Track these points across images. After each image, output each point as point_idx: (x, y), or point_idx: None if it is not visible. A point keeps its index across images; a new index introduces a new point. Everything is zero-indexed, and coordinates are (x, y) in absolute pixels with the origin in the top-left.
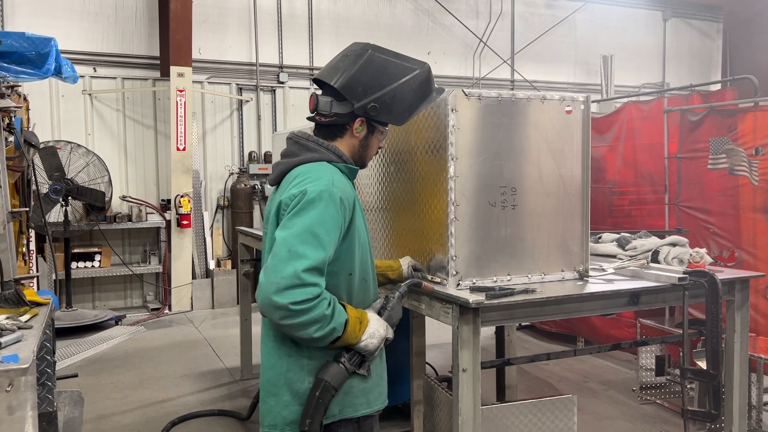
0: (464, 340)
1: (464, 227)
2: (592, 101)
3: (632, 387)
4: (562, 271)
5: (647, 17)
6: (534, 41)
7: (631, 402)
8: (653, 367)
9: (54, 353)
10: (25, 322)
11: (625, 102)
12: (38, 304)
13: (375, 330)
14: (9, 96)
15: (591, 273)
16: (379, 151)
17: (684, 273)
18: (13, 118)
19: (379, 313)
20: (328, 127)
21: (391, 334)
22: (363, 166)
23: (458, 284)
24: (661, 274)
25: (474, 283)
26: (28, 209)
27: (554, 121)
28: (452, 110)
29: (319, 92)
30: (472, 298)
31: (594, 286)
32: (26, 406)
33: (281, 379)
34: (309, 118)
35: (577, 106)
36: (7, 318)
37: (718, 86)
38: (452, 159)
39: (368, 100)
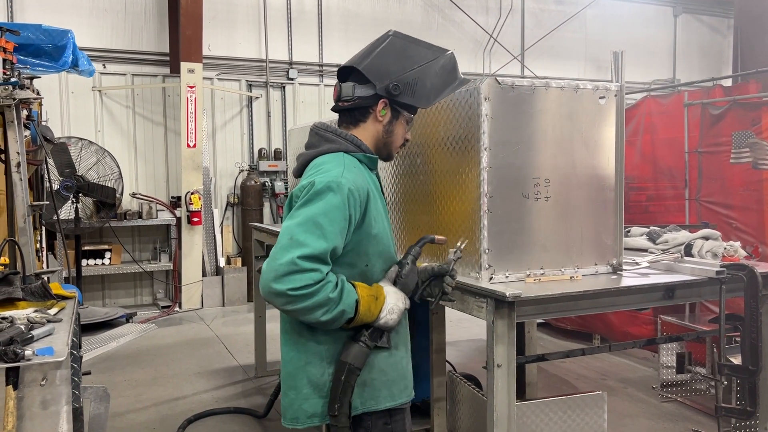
0: (499, 335)
1: (496, 220)
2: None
3: (651, 385)
4: (596, 264)
5: (658, 13)
6: (544, 37)
7: (652, 400)
8: (674, 364)
9: (80, 347)
10: (54, 315)
11: (644, 96)
12: (64, 298)
13: (393, 305)
14: (28, 88)
15: (624, 267)
16: (407, 143)
17: (721, 266)
18: (31, 111)
19: (395, 283)
20: (351, 112)
21: (408, 304)
22: (389, 157)
23: (491, 278)
24: (697, 267)
25: (507, 277)
26: (46, 203)
27: (588, 111)
28: (485, 99)
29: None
30: (509, 291)
31: (629, 280)
32: (61, 401)
33: (301, 372)
34: (333, 109)
35: (610, 96)
36: (36, 311)
37: (737, 79)
38: (485, 149)
39: (390, 81)
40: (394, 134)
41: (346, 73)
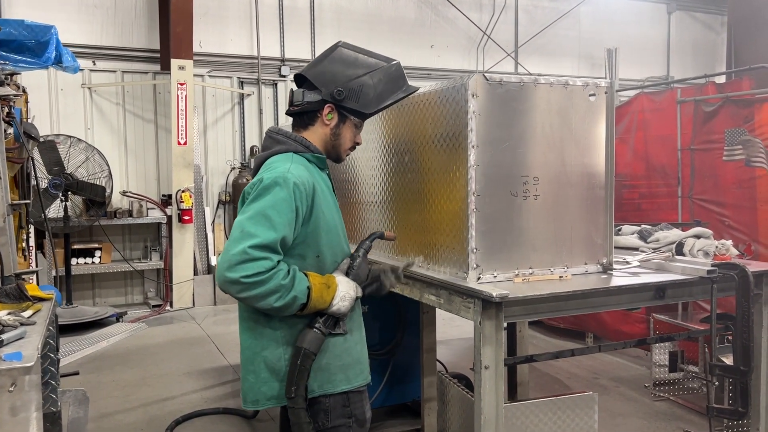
0: (487, 336)
1: (484, 218)
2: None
3: (644, 383)
4: (586, 264)
5: (651, 10)
6: (538, 34)
7: (644, 399)
8: (667, 363)
9: (58, 350)
10: (28, 318)
11: (636, 93)
12: (41, 299)
13: (345, 292)
14: (8, 84)
15: (615, 266)
16: (357, 146)
17: (713, 266)
18: (12, 108)
19: (347, 273)
20: (301, 116)
21: (360, 293)
22: (338, 159)
23: (479, 278)
24: (688, 266)
25: (495, 277)
26: (28, 201)
27: (578, 108)
28: (472, 95)
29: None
30: (497, 291)
31: (619, 280)
32: (30, 407)
33: (258, 358)
34: (286, 113)
35: (600, 92)
36: (9, 314)
37: (731, 76)
38: (472, 147)
39: (336, 87)
40: (342, 137)
41: (301, 80)
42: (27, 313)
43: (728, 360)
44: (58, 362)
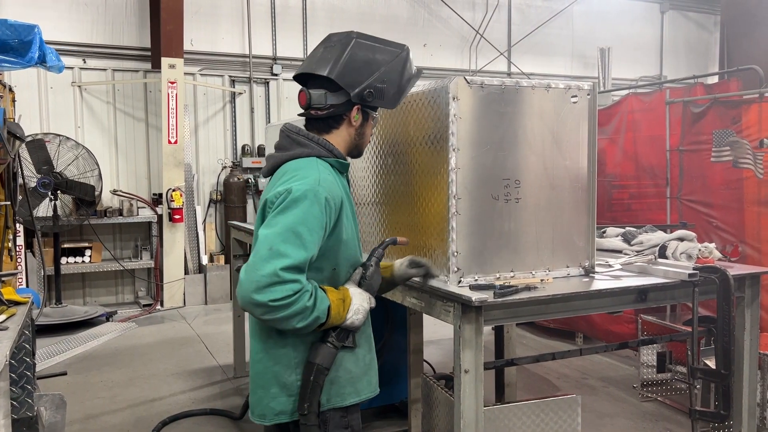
0: (466, 340)
1: (466, 221)
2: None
3: (632, 384)
4: (567, 267)
5: (645, 9)
6: (531, 33)
7: (632, 399)
8: (655, 363)
9: (34, 355)
10: (1, 323)
11: (626, 94)
12: (16, 303)
13: (359, 306)
14: None
15: (597, 269)
16: (372, 138)
17: (694, 269)
18: None
19: (360, 284)
20: (324, 120)
21: (373, 303)
22: (359, 155)
23: (459, 281)
24: (670, 270)
25: (476, 280)
26: (10, 202)
27: (560, 111)
28: (453, 99)
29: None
30: (475, 296)
31: (601, 283)
32: None
33: (269, 373)
34: (301, 115)
35: (583, 95)
36: None
37: (724, 76)
38: (453, 150)
39: (364, 87)
40: (365, 135)
41: (305, 78)
42: (0, 318)
43: (712, 362)
44: (35, 366)
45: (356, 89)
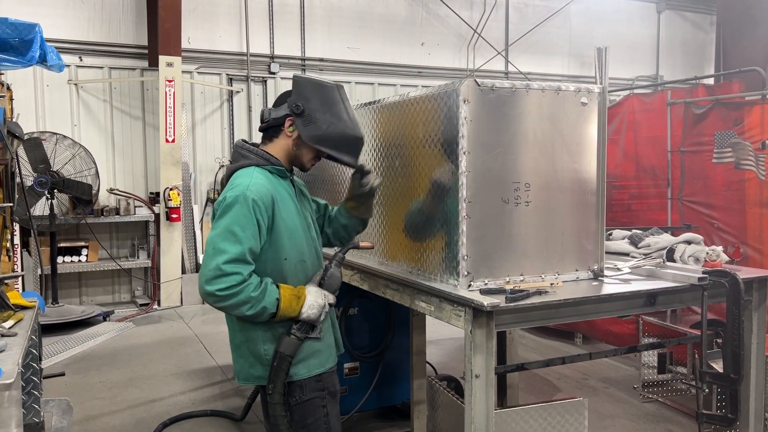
0: (477, 345)
1: (476, 225)
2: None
3: (633, 384)
4: (577, 270)
5: (641, 9)
6: (528, 32)
7: (633, 400)
8: (655, 364)
9: (41, 359)
10: (9, 328)
11: (627, 94)
12: (23, 308)
13: (313, 301)
14: None
15: (606, 272)
16: (316, 161)
17: (703, 272)
18: None
19: (320, 284)
20: (267, 131)
21: (332, 300)
22: (303, 168)
23: (469, 285)
24: (679, 273)
25: (486, 284)
26: (12, 204)
27: (569, 113)
28: (464, 101)
29: None
30: (487, 300)
31: (611, 287)
32: (10, 424)
33: (243, 346)
34: (259, 129)
35: (593, 98)
36: None
37: (720, 78)
38: (464, 153)
39: (299, 101)
40: (302, 155)
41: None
42: (8, 324)
43: (717, 365)
44: (41, 372)
45: (292, 99)
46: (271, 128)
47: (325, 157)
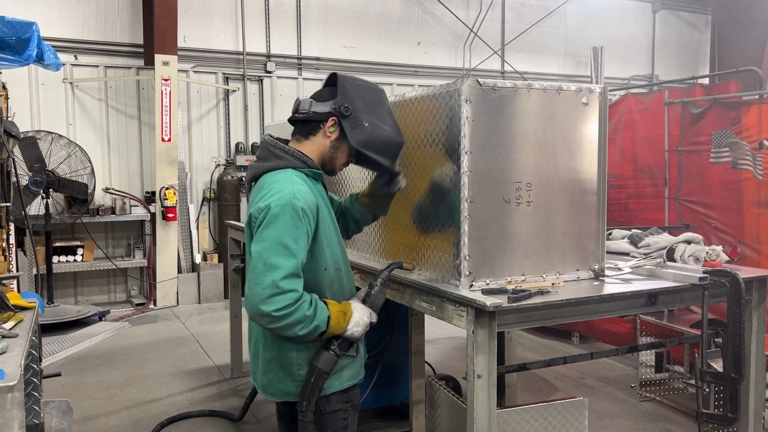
0: (480, 345)
1: (477, 225)
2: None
3: (630, 384)
4: (577, 270)
5: (637, 9)
6: (524, 32)
7: (631, 399)
8: (653, 363)
9: (41, 360)
10: (10, 329)
11: (624, 94)
12: (23, 309)
13: (359, 318)
14: None
15: (606, 272)
16: (349, 163)
17: (704, 272)
18: None
19: (364, 301)
20: (304, 125)
21: (375, 319)
22: (332, 172)
23: (471, 285)
24: (680, 273)
25: (488, 284)
26: (8, 204)
27: (570, 113)
28: (466, 101)
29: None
30: (490, 301)
31: (612, 287)
32: (13, 426)
33: (275, 361)
34: (288, 120)
35: (594, 98)
36: None
37: (715, 78)
38: (465, 153)
39: (343, 101)
40: (337, 158)
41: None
42: (8, 325)
43: (716, 364)
44: (41, 373)
45: (338, 100)
46: (308, 123)
47: (361, 161)
